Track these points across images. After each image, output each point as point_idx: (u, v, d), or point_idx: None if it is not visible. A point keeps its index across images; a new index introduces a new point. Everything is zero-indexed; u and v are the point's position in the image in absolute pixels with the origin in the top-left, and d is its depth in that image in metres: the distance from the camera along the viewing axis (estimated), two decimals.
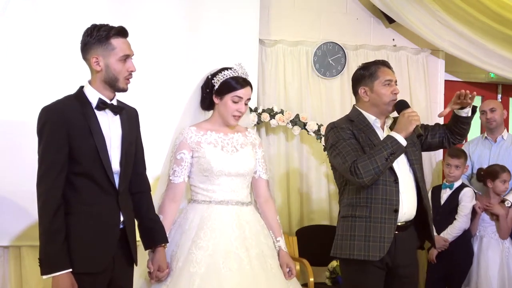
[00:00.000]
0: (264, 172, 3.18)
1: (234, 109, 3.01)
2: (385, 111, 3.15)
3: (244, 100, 3.02)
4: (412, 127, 2.96)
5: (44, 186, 2.48)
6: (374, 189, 3.02)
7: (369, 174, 2.94)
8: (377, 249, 3.00)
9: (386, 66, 3.16)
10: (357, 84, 3.19)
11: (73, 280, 2.48)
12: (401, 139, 2.96)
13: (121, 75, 2.60)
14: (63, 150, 2.49)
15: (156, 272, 2.83)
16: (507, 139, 4.73)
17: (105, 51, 2.57)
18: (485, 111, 4.70)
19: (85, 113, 2.55)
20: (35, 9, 4.12)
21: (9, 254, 4.15)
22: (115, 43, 2.58)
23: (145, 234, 2.82)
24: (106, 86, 2.61)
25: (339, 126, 3.14)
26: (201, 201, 3.03)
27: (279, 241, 3.11)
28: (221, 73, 3.03)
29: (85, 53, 2.61)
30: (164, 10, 4.42)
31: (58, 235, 2.46)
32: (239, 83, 3.01)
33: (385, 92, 3.09)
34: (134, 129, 2.75)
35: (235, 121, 3.06)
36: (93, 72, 2.62)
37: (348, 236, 3.08)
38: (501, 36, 5.01)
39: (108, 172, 2.57)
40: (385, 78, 3.09)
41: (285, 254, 3.09)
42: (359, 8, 5.25)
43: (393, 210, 3.02)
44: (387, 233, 3.00)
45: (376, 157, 2.94)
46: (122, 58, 2.59)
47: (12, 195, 4.00)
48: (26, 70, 4.10)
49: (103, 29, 2.57)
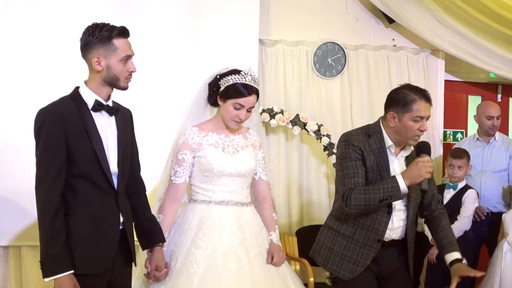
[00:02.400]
0: (264, 173, 3.19)
1: (234, 115, 3.00)
2: (404, 143, 3.00)
3: (246, 107, 3.01)
4: (420, 179, 2.85)
5: (43, 188, 2.47)
6: (365, 214, 2.97)
7: (358, 208, 2.90)
8: (348, 270, 3.00)
9: (425, 100, 2.93)
10: (389, 106, 3.00)
11: (75, 282, 2.48)
12: (403, 187, 2.84)
13: (122, 75, 2.60)
14: (61, 152, 2.48)
15: (154, 272, 2.83)
16: (498, 140, 4.76)
17: (107, 51, 2.56)
18: (493, 117, 4.71)
19: (81, 115, 2.54)
20: (35, 9, 4.11)
21: (9, 254, 4.15)
22: (117, 43, 2.57)
23: (143, 234, 2.82)
24: (105, 85, 2.60)
25: (352, 142, 2.98)
26: (201, 201, 3.03)
27: (271, 235, 3.11)
28: (229, 76, 3.01)
29: (86, 52, 2.59)
30: (164, 10, 4.41)
31: (59, 237, 2.45)
32: (245, 90, 2.98)
33: (412, 126, 2.91)
34: (129, 129, 2.76)
35: (235, 126, 3.06)
36: (93, 72, 2.60)
37: (327, 248, 3.09)
38: (501, 36, 5.01)
39: (107, 173, 2.56)
40: (418, 114, 2.89)
41: (275, 244, 3.08)
42: (359, 8, 5.25)
43: (376, 239, 2.99)
44: (364, 258, 2.99)
45: (371, 195, 2.87)
46: (123, 58, 2.59)
47: (12, 195, 4.00)
48: (26, 70, 4.09)
49: (105, 29, 2.56)
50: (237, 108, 2.99)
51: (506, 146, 4.74)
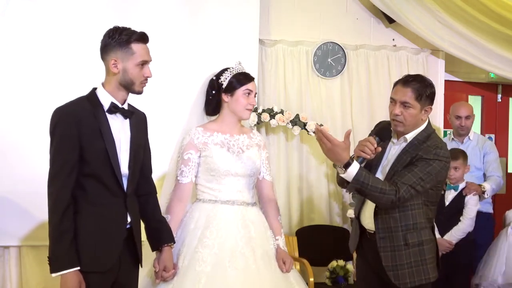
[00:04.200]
0: (268, 173, 3.22)
1: (246, 103, 3.07)
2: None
3: (253, 93, 3.09)
4: (356, 154, 2.81)
5: (55, 186, 2.52)
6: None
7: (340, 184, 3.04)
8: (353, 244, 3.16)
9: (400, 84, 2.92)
10: None
11: (81, 278, 2.51)
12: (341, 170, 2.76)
13: (137, 79, 2.64)
14: (74, 151, 2.53)
15: (162, 272, 2.84)
16: (473, 139, 4.78)
17: (125, 55, 2.60)
18: (461, 117, 4.72)
19: (96, 115, 2.58)
20: (35, 9, 4.11)
21: (9, 254, 4.15)
22: (135, 48, 2.61)
23: (152, 235, 2.86)
24: (121, 88, 2.64)
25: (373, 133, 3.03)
26: (207, 200, 3.05)
27: (277, 239, 3.13)
28: (226, 72, 3.09)
29: (105, 54, 2.63)
30: (165, 10, 4.41)
31: (67, 234, 2.50)
32: (247, 77, 3.09)
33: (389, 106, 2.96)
34: (142, 132, 2.80)
35: (248, 115, 3.12)
36: (110, 74, 2.64)
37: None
38: (501, 36, 5.01)
39: (117, 175, 2.60)
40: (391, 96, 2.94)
41: (282, 250, 3.11)
42: (359, 8, 5.25)
43: (356, 216, 3.12)
44: (355, 234, 3.13)
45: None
46: (140, 63, 2.63)
47: (12, 195, 4.00)
48: (26, 70, 4.09)
49: (125, 32, 2.60)
50: (247, 94, 3.07)
51: (481, 145, 4.76)
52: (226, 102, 3.08)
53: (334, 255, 4.66)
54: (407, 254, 2.91)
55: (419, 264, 2.91)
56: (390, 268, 2.91)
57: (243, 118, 3.11)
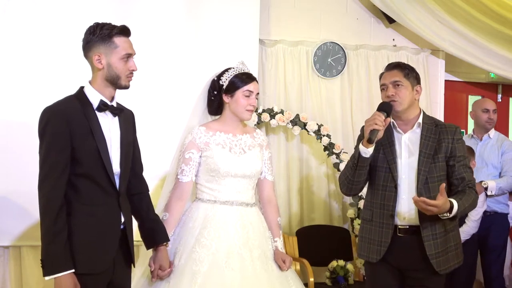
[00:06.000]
0: (269, 173, 3.21)
1: (246, 104, 3.05)
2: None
3: (254, 94, 3.07)
4: (367, 133, 2.96)
5: (46, 187, 2.47)
6: (375, 194, 3.11)
7: (343, 184, 3.15)
8: (375, 252, 3.08)
9: (385, 71, 3.20)
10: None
11: (76, 281, 2.47)
12: (361, 147, 2.98)
13: (122, 73, 2.60)
14: (65, 151, 2.49)
15: (158, 271, 2.84)
16: (493, 138, 4.76)
17: (108, 49, 2.57)
18: (488, 110, 4.71)
19: (86, 114, 2.55)
20: (35, 9, 4.11)
21: (9, 254, 4.15)
22: (118, 41, 2.58)
23: (147, 234, 2.83)
24: (107, 84, 2.61)
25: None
26: (206, 200, 3.05)
27: (276, 241, 3.13)
28: (227, 72, 3.08)
29: (87, 50, 2.61)
30: (165, 10, 4.41)
31: (60, 236, 2.45)
32: (248, 78, 3.07)
33: (382, 96, 3.17)
34: (131, 130, 2.76)
35: (249, 116, 3.10)
36: (95, 70, 2.61)
37: (360, 237, 3.23)
38: (501, 36, 5.02)
39: (109, 173, 2.57)
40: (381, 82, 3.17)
41: (280, 251, 3.11)
42: (359, 8, 5.25)
43: (389, 215, 3.05)
44: (385, 237, 3.06)
45: (346, 167, 3.11)
46: (124, 56, 2.59)
47: (12, 195, 4.00)
48: (26, 70, 4.09)
49: (106, 27, 2.58)
50: (247, 95, 3.05)
51: (500, 144, 4.74)
52: (227, 103, 3.08)
53: (334, 255, 4.66)
54: (448, 239, 3.05)
55: (454, 249, 3.09)
56: (434, 256, 3.01)
57: (243, 119, 3.10)
